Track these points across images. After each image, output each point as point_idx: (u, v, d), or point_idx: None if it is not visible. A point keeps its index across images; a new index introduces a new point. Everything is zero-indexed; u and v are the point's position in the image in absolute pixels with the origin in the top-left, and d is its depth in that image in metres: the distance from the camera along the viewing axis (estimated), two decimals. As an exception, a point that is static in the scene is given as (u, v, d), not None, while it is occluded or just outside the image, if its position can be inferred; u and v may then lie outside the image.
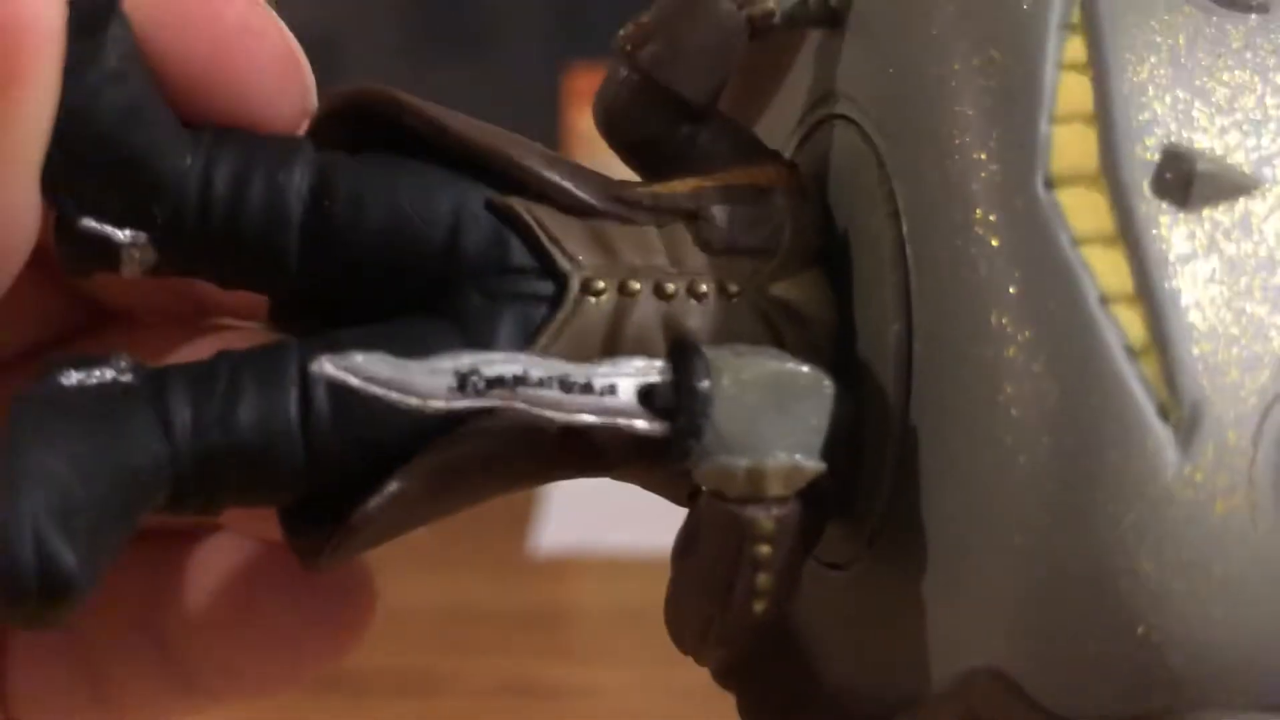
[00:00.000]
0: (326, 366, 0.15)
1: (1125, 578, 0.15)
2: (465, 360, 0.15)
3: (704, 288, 0.17)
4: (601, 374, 0.16)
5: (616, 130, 0.19)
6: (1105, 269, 0.15)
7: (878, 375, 0.17)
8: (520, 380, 0.15)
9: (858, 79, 0.18)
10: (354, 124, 0.18)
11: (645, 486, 0.18)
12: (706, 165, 0.19)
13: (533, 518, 0.61)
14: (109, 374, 0.16)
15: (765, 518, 0.16)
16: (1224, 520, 0.15)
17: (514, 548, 0.59)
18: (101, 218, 0.17)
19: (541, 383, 0.15)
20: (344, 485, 0.17)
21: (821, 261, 0.18)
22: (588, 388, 0.16)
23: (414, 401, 0.15)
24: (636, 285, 0.17)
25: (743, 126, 0.20)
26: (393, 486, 0.16)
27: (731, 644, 0.17)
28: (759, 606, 0.16)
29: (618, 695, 0.44)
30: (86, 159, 0.16)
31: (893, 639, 0.17)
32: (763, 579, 0.16)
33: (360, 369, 0.15)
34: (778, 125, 0.20)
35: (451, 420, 0.16)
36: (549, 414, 0.15)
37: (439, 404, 0.15)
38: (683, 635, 0.17)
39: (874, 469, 0.17)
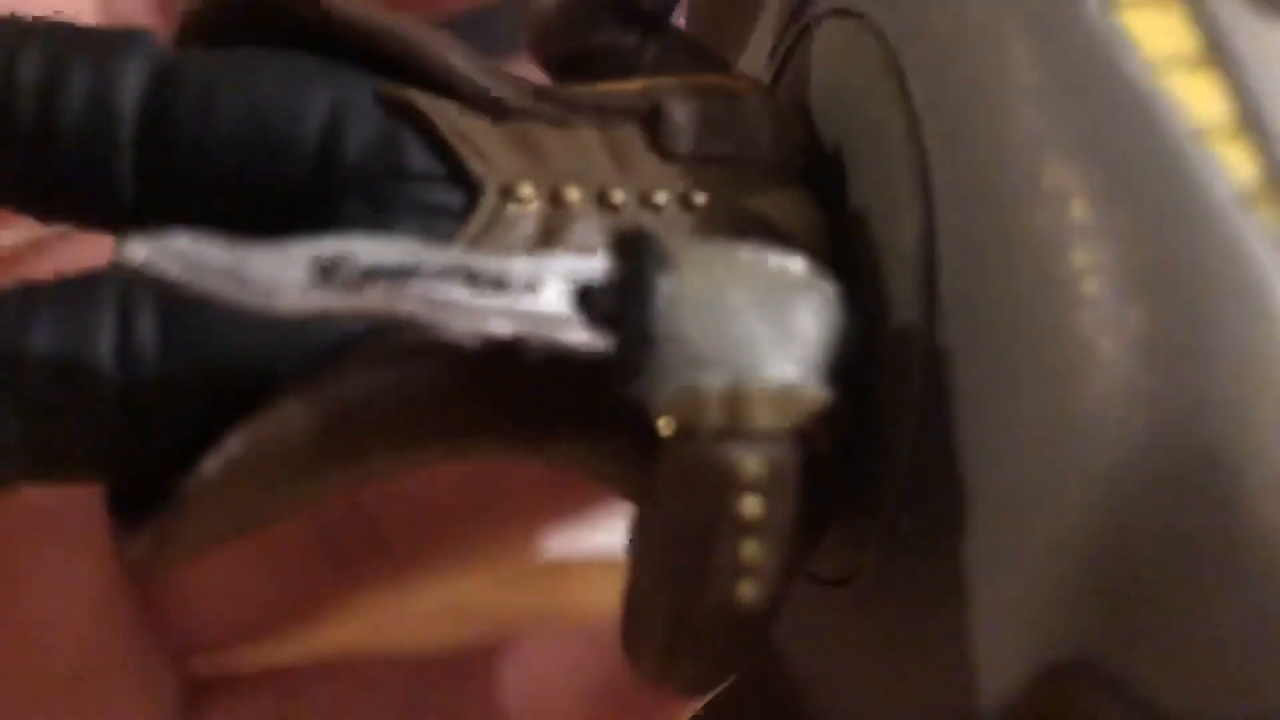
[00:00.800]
0: (137, 250, 0.11)
1: (1270, 498, 0.10)
2: (330, 246, 0.11)
3: (661, 197, 0.13)
4: (521, 269, 0.12)
5: (550, 38, 0.15)
6: (1195, 97, 0.11)
7: (889, 299, 0.13)
8: (408, 272, 0.11)
9: None
10: (225, 23, 0.14)
11: (594, 475, 0.14)
12: None
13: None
14: None
15: (751, 458, 0.11)
16: None
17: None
18: None
19: (441, 274, 0.11)
20: (180, 455, 0.12)
21: (806, 184, 0.14)
22: (500, 284, 0.11)
23: (256, 299, 0.11)
24: (573, 193, 0.13)
25: (700, 42, 0.16)
26: (225, 452, 0.12)
27: (707, 655, 0.12)
28: (747, 591, 0.12)
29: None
30: None
31: (920, 657, 0.13)
32: (751, 549, 0.12)
33: (185, 254, 0.11)
34: (755, 64, 0.17)
35: (328, 354, 0.12)
36: (448, 322, 0.11)
37: (290, 301, 0.11)
38: (642, 649, 0.13)
39: (890, 431, 0.13)
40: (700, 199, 0.13)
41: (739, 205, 0.14)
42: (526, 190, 0.13)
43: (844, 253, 0.14)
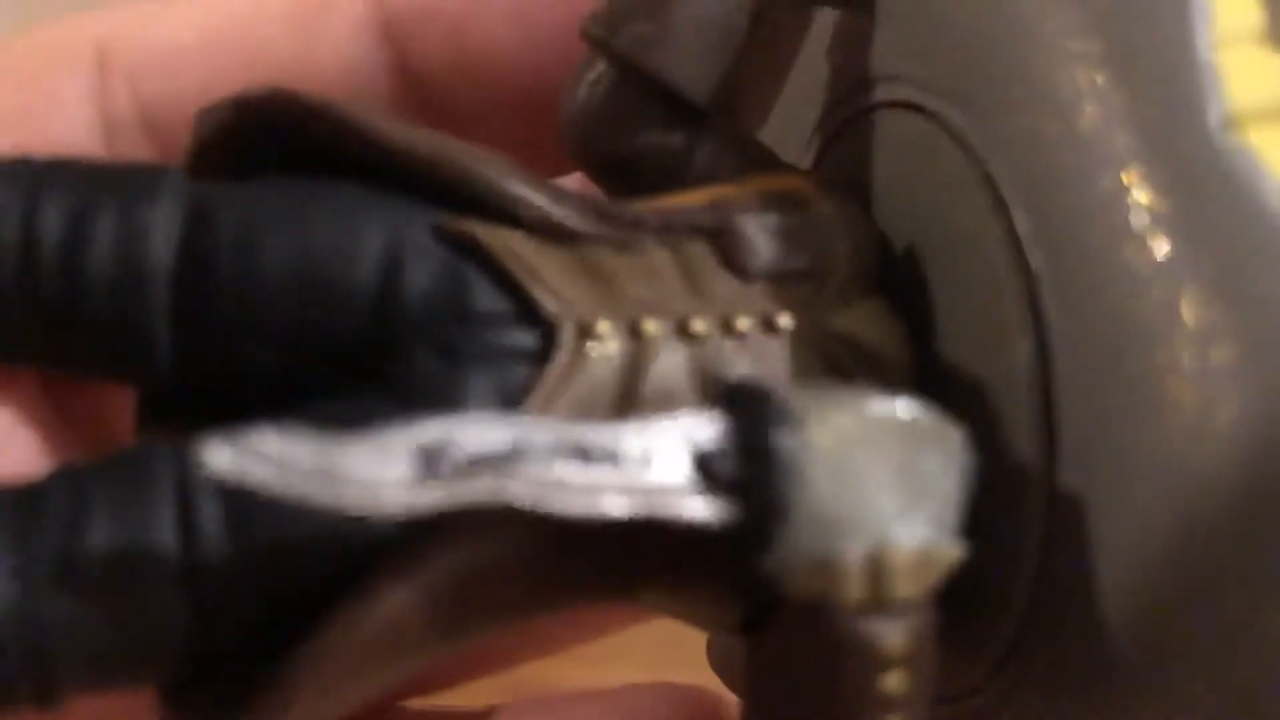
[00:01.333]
0: (221, 454, 0.10)
1: None
2: (432, 431, 0.10)
3: (743, 323, 0.13)
4: (634, 437, 0.11)
5: (591, 142, 0.14)
6: None
7: (1001, 419, 0.12)
8: (519, 454, 0.10)
9: (911, 55, 0.14)
10: (245, 148, 0.13)
11: (683, 617, 0.13)
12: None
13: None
14: None
15: (895, 632, 0.11)
16: None
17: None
18: None
19: (551, 454, 0.10)
20: (244, 646, 0.11)
21: (881, 289, 0.14)
22: (613, 457, 0.10)
23: (358, 501, 0.10)
24: (651, 326, 0.12)
25: (751, 137, 0.16)
26: (310, 658, 0.11)
27: None
28: None
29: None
30: None
31: None
32: None
33: (272, 456, 0.10)
34: (780, 138, 0.16)
35: (415, 532, 0.11)
36: (565, 502, 0.10)
37: (398, 501, 0.10)
38: None
39: (1007, 556, 0.12)
40: (784, 321, 0.13)
41: (823, 324, 0.13)
42: (604, 326, 0.12)
43: (929, 366, 0.13)
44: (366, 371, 0.12)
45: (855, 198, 0.14)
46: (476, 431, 0.10)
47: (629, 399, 0.12)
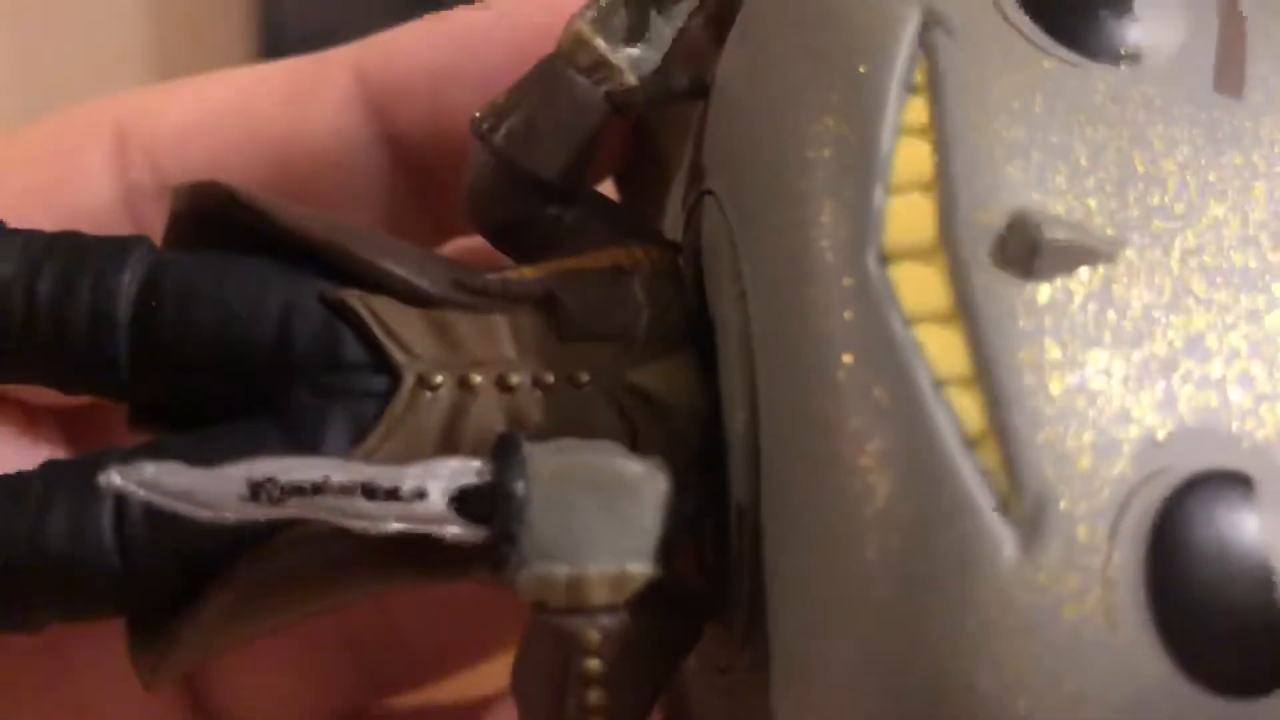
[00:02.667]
0: (114, 478, 0.14)
1: (963, 696, 0.13)
2: (261, 468, 0.14)
3: (550, 378, 0.16)
4: (412, 477, 0.15)
5: (481, 213, 0.18)
6: (939, 350, 0.14)
7: (732, 469, 0.16)
8: (319, 488, 0.14)
9: (716, 152, 0.17)
10: (211, 220, 0.17)
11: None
12: (577, 246, 0.18)
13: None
14: None
15: (591, 629, 0.15)
16: (1075, 628, 0.13)
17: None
18: None
19: (344, 490, 0.14)
20: (173, 598, 0.16)
21: (690, 347, 0.17)
22: (394, 494, 0.15)
23: (206, 514, 0.14)
24: (478, 378, 0.16)
25: (617, 205, 0.19)
26: (202, 603, 0.15)
27: None
28: None
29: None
30: None
31: None
32: (594, 696, 0.15)
33: (148, 480, 0.14)
34: (676, 209, 0.19)
35: (271, 529, 0.15)
36: (353, 524, 0.14)
37: (231, 515, 0.14)
38: None
39: (737, 570, 0.16)
40: (584, 377, 0.16)
41: (619, 379, 0.16)
42: (438, 379, 0.16)
43: (716, 420, 0.16)
44: (263, 398, 0.16)
45: (689, 262, 0.18)
46: (292, 467, 0.14)
47: (450, 437, 0.16)
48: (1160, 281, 0.14)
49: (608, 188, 0.21)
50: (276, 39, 0.43)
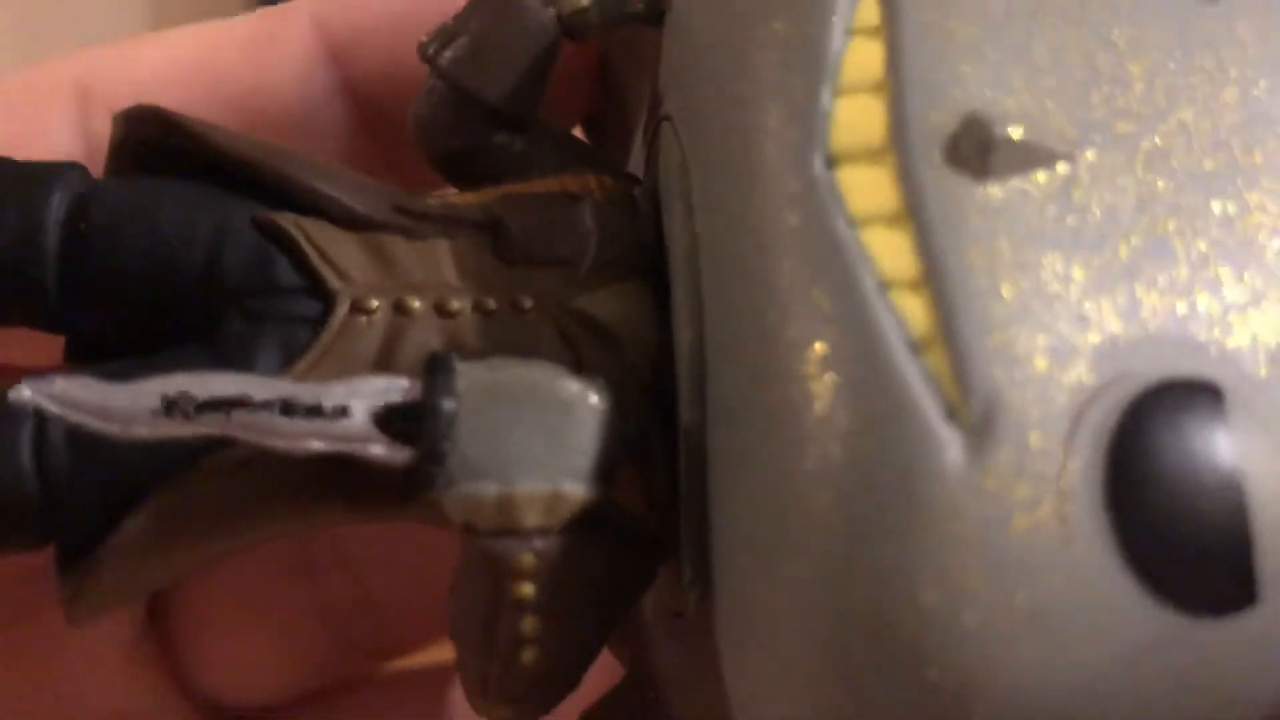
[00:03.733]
0: (24, 392, 0.14)
1: (908, 611, 0.12)
2: (176, 382, 0.14)
3: (492, 303, 0.16)
4: (334, 395, 0.14)
5: (427, 141, 0.18)
6: (886, 252, 0.13)
7: (680, 393, 0.15)
8: (236, 403, 0.14)
9: (670, 74, 0.16)
10: (154, 146, 0.17)
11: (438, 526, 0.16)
12: (526, 176, 0.17)
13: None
14: None
15: (524, 551, 0.14)
16: (1026, 538, 0.12)
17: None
18: None
19: (263, 406, 0.14)
20: (98, 530, 0.15)
21: (646, 275, 0.16)
22: (315, 410, 0.14)
23: (115, 428, 0.14)
24: (415, 303, 0.16)
25: (568, 134, 0.18)
26: (120, 531, 0.15)
27: (514, 701, 0.15)
28: (527, 655, 0.14)
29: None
30: None
31: (718, 694, 0.15)
32: (528, 623, 0.14)
33: (58, 394, 0.14)
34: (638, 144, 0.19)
35: (194, 456, 0.15)
36: (270, 442, 0.14)
37: (142, 430, 0.14)
38: (469, 690, 0.15)
39: (685, 501, 0.15)
40: (528, 302, 0.16)
41: (564, 305, 0.16)
42: (374, 303, 0.15)
43: (667, 349, 0.16)
44: (196, 328, 0.16)
45: (646, 196, 0.17)
46: (209, 382, 0.14)
47: (386, 363, 0.15)
48: (1123, 184, 0.13)
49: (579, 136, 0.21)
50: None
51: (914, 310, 0.13)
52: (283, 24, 0.20)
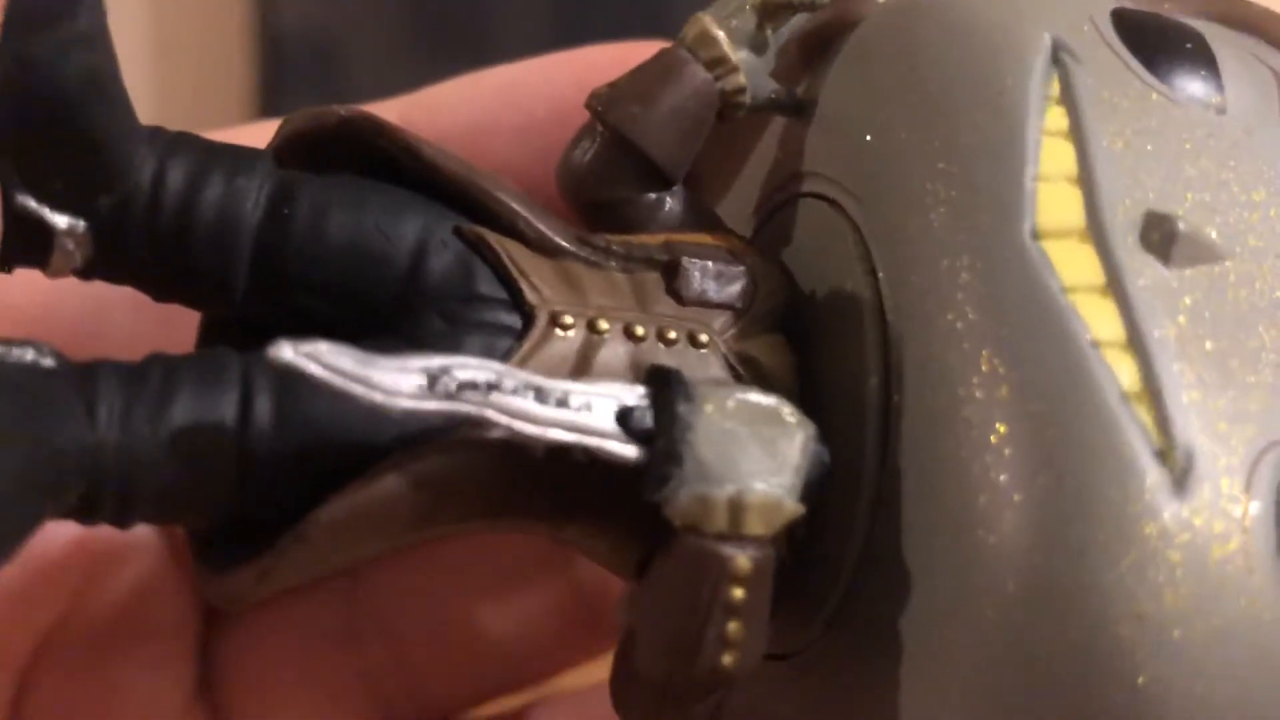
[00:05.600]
0: (285, 351, 0.14)
1: (1127, 623, 0.14)
2: (437, 361, 0.14)
3: (673, 334, 0.17)
4: (578, 390, 0.15)
5: (584, 188, 0.19)
6: (1095, 317, 0.15)
7: (850, 434, 0.17)
8: (493, 386, 0.14)
9: (829, 158, 0.18)
10: (317, 151, 0.17)
11: (593, 555, 0.17)
12: (664, 231, 0.18)
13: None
14: (29, 355, 0.15)
15: (743, 556, 0.15)
16: (1221, 567, 0.14)
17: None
18: (40, 197, 0.15)
19: (516, 391, 0.14)
20: (271, 512, 0.15)
21: (784, 330, 0.18)
22: (563, 402, 0.15)
23: (379, 398, 0.14)
24: (605, 325, 0.17)
25: (706, 204, 0.20)
26: (337, 503, 0.15)
27: (686, 713, 0.15)
28: (729, 659, 0.15)
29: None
30: (40, 123, 0.15)
31: None
32: (734, 627, 0.15)
33: (323, 356, 0.14)
34: (734, 210, 0.20)
35: (409, 439, 0.15)
36: (521, 426, 0.14)
37: (405, 403, 0.14)
38: (633, 706, 0.16)
39: (840, 537, 0.16)
40: (704, 338, 0.17)
41: (733, 346, 0.17)
42: (569, 319, 0.16)
43: (809, 391, 0.17)
44: (389, 326, 0.16)
45: (775, 263, 0.18)
46: (468, 364, 0.14)
47: (580, 373, 0.16)
48: (1260, 286, 0.16)
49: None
50: (276, 39, 0.42)
51: (1124, 367, 0.15)
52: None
